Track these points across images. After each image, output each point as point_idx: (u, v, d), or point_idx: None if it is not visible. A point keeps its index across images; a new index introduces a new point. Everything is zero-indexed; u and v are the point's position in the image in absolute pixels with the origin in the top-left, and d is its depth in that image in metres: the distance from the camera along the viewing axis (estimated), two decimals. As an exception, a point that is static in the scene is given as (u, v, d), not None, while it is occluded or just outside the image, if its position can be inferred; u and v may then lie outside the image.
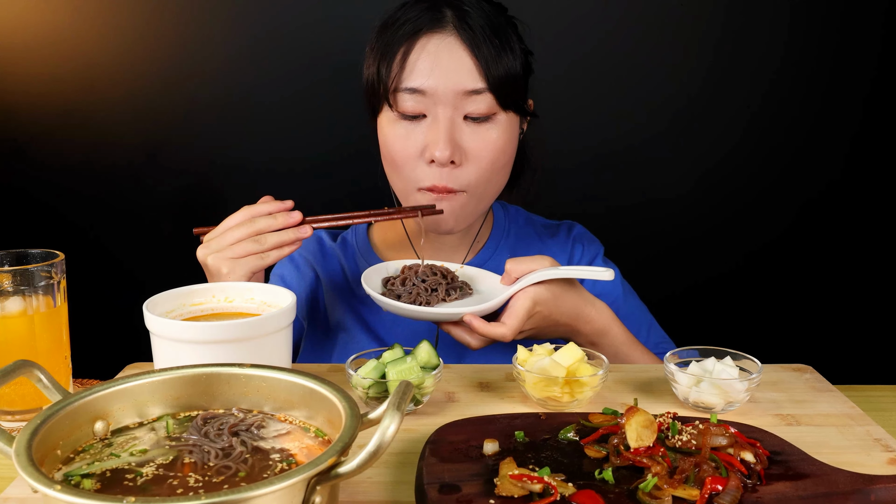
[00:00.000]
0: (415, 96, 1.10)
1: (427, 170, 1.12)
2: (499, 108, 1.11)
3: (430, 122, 1.11)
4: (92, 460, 0.61)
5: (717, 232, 1.97)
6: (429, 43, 1.09)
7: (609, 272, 1.00)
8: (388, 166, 1.18)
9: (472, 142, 1.11)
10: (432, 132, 1.10)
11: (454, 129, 1.10)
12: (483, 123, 1.11)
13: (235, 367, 0.69)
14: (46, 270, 0.89)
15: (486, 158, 1.12)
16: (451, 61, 1.09)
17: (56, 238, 1.90)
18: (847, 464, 0.75)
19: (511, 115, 1.14)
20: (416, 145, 1.12)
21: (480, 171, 1.13)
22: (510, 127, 1.14)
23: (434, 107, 1.10)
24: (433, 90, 1.09)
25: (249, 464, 0.60)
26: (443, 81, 1.08)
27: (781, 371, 1.01)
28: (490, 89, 1.09)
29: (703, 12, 1.85)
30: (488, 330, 0.99)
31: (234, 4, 1.84)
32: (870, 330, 2.01)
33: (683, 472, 0.68)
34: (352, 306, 1.25)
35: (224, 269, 1.02)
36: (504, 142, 1.13)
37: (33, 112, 1.89)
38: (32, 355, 0.87)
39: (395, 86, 1.10)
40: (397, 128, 1.13)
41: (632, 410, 0.74)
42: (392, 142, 1.13)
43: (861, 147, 1.92)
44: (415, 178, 1.13)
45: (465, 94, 1.09)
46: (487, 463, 0.72)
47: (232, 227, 1.03)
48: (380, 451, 0.54)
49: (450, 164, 1.11)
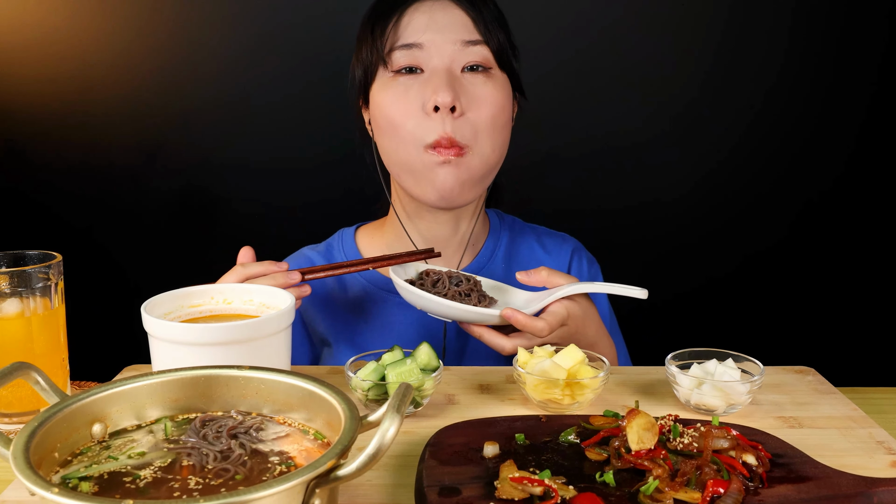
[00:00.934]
0: (412, 51, 1.10)
1: (430, 123, 1.09)
2: (495, 64, 1.12)
3: (427, 75, 1.11)
4: (90, 463, 0.61)
5: (718, 233, 1.97)
6: (422, 5, 1.11)
7: (643, 291, 1.00)
8: (388, 133, 1.13)
9: (472, 91, 1.10)
10: (431, 80, 1.09)
11: (453, 77, 1.10)
12: (481, 75, 1.11)
13: (234, 370, 0.69)
14: (44, 272, 0.89)
15: (487, 110, 1.11)
16: (445, 17, 1.10)
17: (54, 239, 1.90)
18: (850, 466, 0.75)
19: (505, 78, 1.14)
20: (416, 99, 1.10)
21: (482, 122, 1.10)
22: (505, 88, 1.14)
23: (430, 59, 1.10)
24: (430, 42, 1.09)
25: (248, 466, 0.60)
26: (439, 35, 1.09)
27: (783, 373, 1.01)
28: (485, 41, 1.10)
29: (705, 11, 1.85)
30: (528, 322, 0.97)
31: (232, 5, 1.84)
32: (872, 331, 2.01)
33: (685, 475, 0.68)
34: (338, 318, 1.22)
35: None
36: (503, 98, 1.13)
37: (30, 113, 1.89)
38: (30, 357, 0.87)
39: (389, 46, 1.11)
40: (395, 86, 1.11)
41: (633, 413, 0.74)
42: (391, 102, 1.11)
43: (864, 148, 1.92)
44: (419, 135, 1.09)
45: (462, 44, 1.10)
46: (488, 466, 0.72)
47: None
48: (379, 453, 0.54)
49: (451, 114, 1.08)
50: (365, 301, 1.22)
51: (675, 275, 1.97)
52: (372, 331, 1.21)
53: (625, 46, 1.87)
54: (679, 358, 0.93)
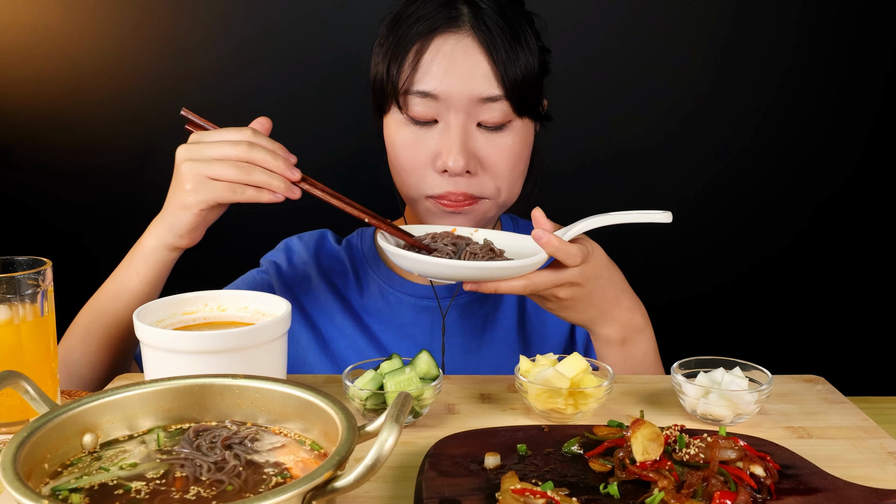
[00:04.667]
0: (426, 100, 1.07)
1: (438, 178, 1.09)
2: (514, 115, 1.09)
3: (441, 128, 1.08)
4: (80, 474, 0.61)
5: (725, 237, 1.97)
6: (444, 44, 1.06)
7: (667, 214, 0.95)
8: (396, 171, 1.15)
9: (487, 150, 1.09)
10: (445, 140, 1.07)
11: (468, 137, 1.07)
12: (498, 132, 1.09)
13: (228, 378, 0.69)
14: (33, 278, 0.89)
15: (503, 167, 1.10)
16: (466, 65, 1.06)
17: (43, 245, 1.90)
18: (860, 478, 0.75)
19: (527, 121, 1.12)
20: (426, 152, 1.09)
21: (498, 181, 1.10)
22: (525, 133, 1.12)
23: (447, 112, 1.07)
24: (447, 95, 1.06)
25: (243, 478, 0.60)
26: (457, 86, 1.05)
27: (792, 382, 1.01)
28: (506, 97, 1.07)
29: (712, 10, 1.85)
30: (561, 246, 0.90)
31: (227, 5, 1.84)
32: (883, 339, 2.01)
33: (691, 487, 0.68)
34: (352, 312, 1.23)
35: (188, 184, 0.96)
36: (520, 148, 1.11)
37: (19, 115, 1.89)
38: (19, 366, 0.87)
39: (406, 87, 1.07)
40: (406, 132, 1.10)
41: (638, 423, 0.74)
42: (401, 147, 1.11)
43: (873, 152, 1.92)
44: (425, 187, 1.10)
45: (480, 100, 1.06)
46: (489, 477, 0.72)
47: (225, 143, 0.96)
48: (377, 464, 0.54)
49: (465, 175, 1.08)
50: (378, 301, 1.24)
51: (681, 281, 1.97)
52: (390, 323, 1.21)
53: (631, 47, 1.87)
54: (685, 366, 0.93)
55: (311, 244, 1.29)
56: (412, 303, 1.22)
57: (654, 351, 1.09)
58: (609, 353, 1.06)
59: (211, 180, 0.96)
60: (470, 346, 1.21)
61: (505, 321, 1.23)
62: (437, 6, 1.08)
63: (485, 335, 1.22)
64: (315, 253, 1.28)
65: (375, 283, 1.25)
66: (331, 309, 1.24)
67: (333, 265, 1.27)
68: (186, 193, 0.97)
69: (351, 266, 1.27)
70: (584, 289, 0.97)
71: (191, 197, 0.97)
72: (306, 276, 1.26)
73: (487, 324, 1.23)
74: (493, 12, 1.08)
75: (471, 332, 1.22)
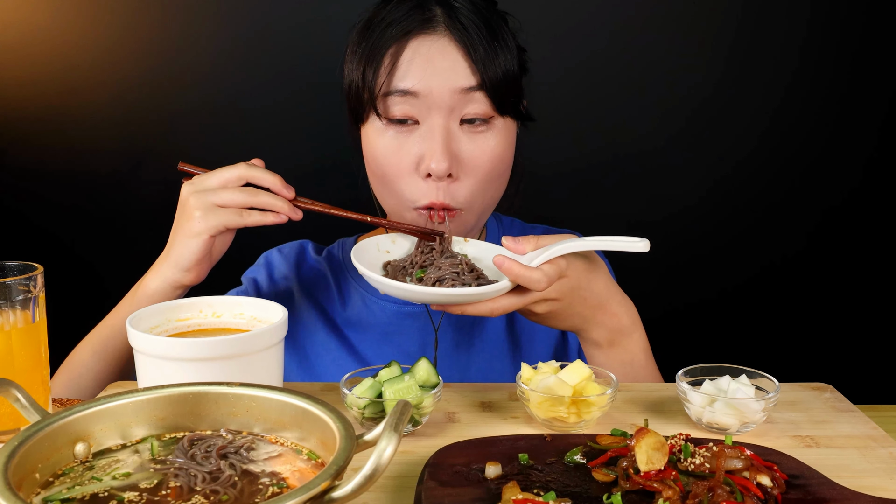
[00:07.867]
0: (406, 99, 1.06)
1: (422, 185, 1.08)
2: (495, 112, 1.09)
3: (423, 130, 1.07)
4: (72, 484, 0.61)
5: (731, 243, 1.97)
6: (421, 45, 1.06)
7: (644, 242, 0.96)
8: (377, 181, 1.13)
9: (470, 151, 1.08)
10: (428, 142, 1.06)
11: (450, 138, 1.07)
12: (480, 131, 1.09)
13: (224, 386, 0.69)
14: (24, 284, 0.89)
15: (484, 168, 1.09)
16: (445, 63, 1.06)
17: (34, 250, 1.90)
18: (869, 488, 0.75)
19: (509, 121, 1.12)
20: (409, 157, 1.08)
21: (477, 183, 1.10)
22: (508, 133, 1.12)
23: (427, 112, 1.07)
24: (427, 91, 1.05)
25: (238, 488, 0.60)
26: (437, 82, 1.05)
27: (800, 390, 1.01)
28: (485, 88, 1.06)
29: (718, 11, 1.86)
30: (522, 272, 0.92)
31: (220, 8, 1.85)
32: (892, 346, 2.01)
33: (696, 497, 0.68)
34: (334, 327, 1.24)
35: (198, 212, 1.01)
36: (503, 149, 1.11)
37: (10, 117, 1.90)
38: (10, 373, 0.87)
39: (384, 89, 1.07)
40: (386, 138, 1.09)
41: (642, 432, 0.74)
42: (382, 154, 1.09)
43: (884, 154, 1.92)
44: (409, 196, 1.09)
45: (461, 92, 1.06)
46: (489, 487, 0.72)
47: (224, 170, 1.03)
48: (376, 474, 0.54)
49: (447, 178, 1.07)
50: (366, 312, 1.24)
51: (686, 286, 1.97)
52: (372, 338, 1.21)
53: (635, 48, 1.87)
54: (690, 374, 0.93)
55: (292, 257, 1.30)
56: (395, 309, 1.22)
57: (643, 352, 1.09)
58: (596, 355, 1.08)
59: (218, 207, 1.01)
60: (459, 349, 1.21)
61: (494, 322, 1.23)
62: (410, 9, 1.08)
63: (473, 337, 1.23)
64: (296, 265, 1.29)
65: (357, 292, 1.25)
66: (313, 325, 1.24)
67: (314, 278, 1.28)
68: (195, 221, 1.01)
69: (332, 277, 1.27)
70: (561, 302, 1.00)
71: (200, 224, 1.01)
72: (287, 291, 1.26)
73: (476, 325, 1.23)
74: (469, 11, 1.08)
75: (459, 333, 1.22)
